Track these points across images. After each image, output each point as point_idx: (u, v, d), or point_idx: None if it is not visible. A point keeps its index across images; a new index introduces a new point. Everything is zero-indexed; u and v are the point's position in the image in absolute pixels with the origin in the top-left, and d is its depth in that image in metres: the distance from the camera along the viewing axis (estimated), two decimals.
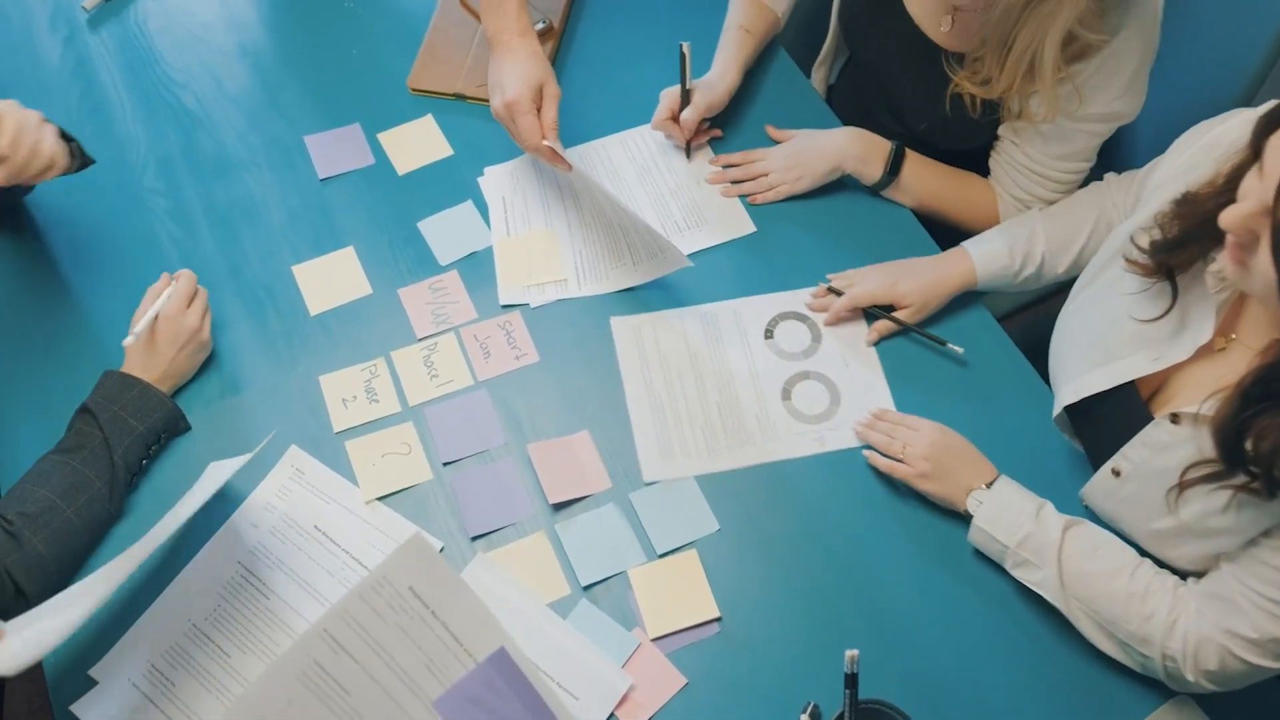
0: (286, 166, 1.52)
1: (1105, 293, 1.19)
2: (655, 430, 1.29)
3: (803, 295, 1.40)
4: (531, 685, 1.00)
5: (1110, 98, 1.31)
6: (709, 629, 1.19)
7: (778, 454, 1.29)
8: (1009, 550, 1.17)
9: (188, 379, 1.31)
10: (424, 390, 1.33)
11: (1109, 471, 1.15)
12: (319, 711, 0.98)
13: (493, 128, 1.54)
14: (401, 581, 1.01)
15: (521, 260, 1.43)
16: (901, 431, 1.26)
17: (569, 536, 1.23)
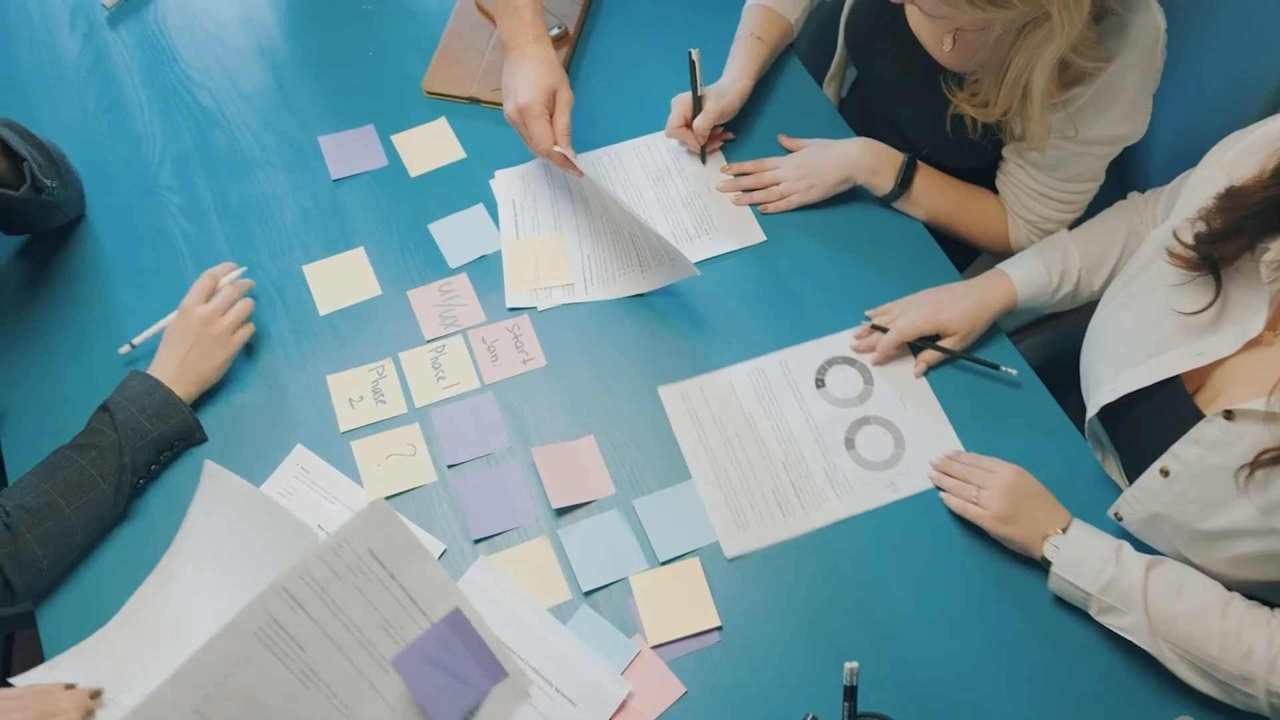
0: (300, 166, 1.53)
1: (1144, 292, 1.19)
2: (726, 502, 1.25)
3: (846, 338, 1.37)
4: (486, 645, 1.01)
5: (1112, 121, 1.30)
6: (709, 638, 1.18)
7: (855, 508, 1.25)
8: (1093, 597, 1.14)
9: (214, 378, 1.31)
10: (431, 392, 1.33)
11: (1156, 471, 1.13)
12: (275, 668, 0.99)
13: (506, 132, 1.54)
14: (360, 544, 1.03)
15: (529, 264, 1.44)
16: (977, 474, 1.23)
17: (571, 541, 1.23)
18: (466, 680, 1.02)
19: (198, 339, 1.29)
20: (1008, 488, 1.20)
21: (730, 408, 1.31)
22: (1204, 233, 1.11)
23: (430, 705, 0.98)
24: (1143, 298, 1.19)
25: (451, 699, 1.00)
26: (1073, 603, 1.18)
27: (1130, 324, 1.20)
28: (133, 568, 1.21)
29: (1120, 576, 1.13)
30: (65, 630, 1.17)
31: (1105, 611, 1.14)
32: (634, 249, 1.44)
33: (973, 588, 1.21)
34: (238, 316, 1.32)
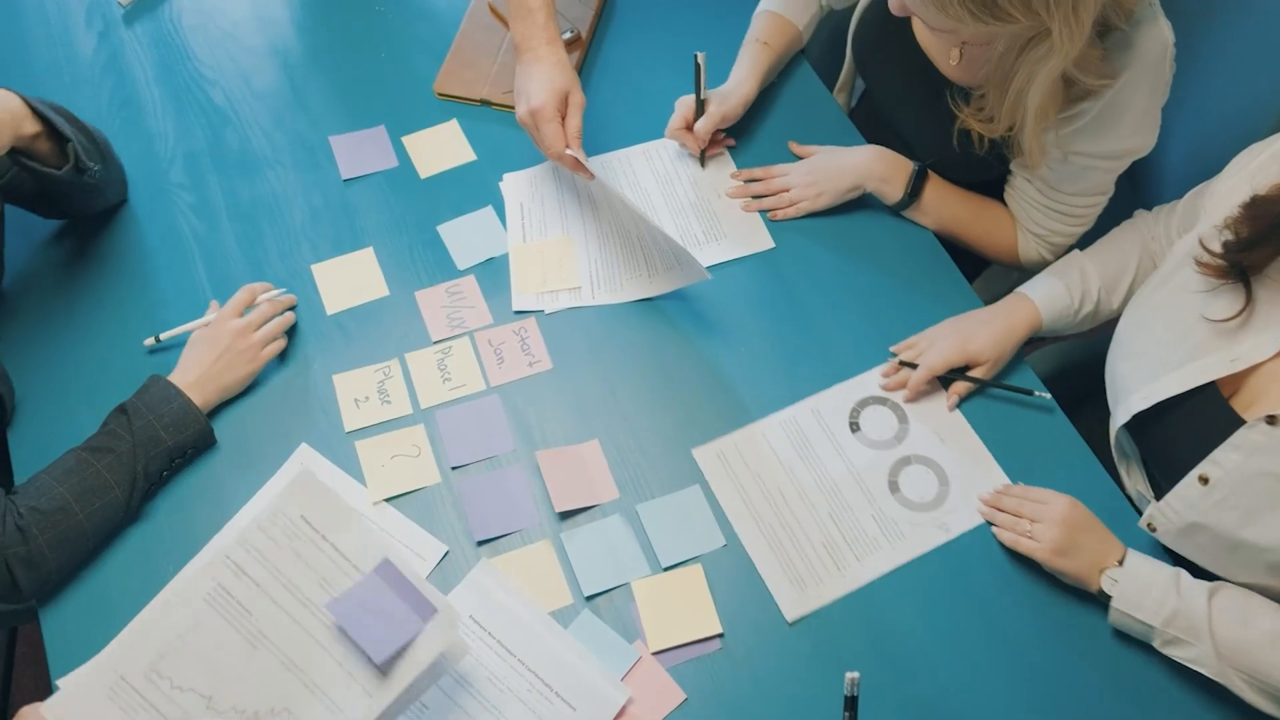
0: (311, 166, 1.53)
1: (1172, 300, 1.19)
2: (779, 562, 1.22)
3: (874, 377, 1.35)
4: (415, 587, 1.08)
5: (1120, 135, 1.29)
6: (711, 645, 1.18)
7: (909, 553, 1.23)
8: (1155, 630, 1.13)
9: (235, 390, 1.31)
10: (436, 393, 1.33)
11: (1195, 479, 1.12)
12: (225, 631, 1.08)
13: (516, 134, 1.55)
14: (294, 511, 1.12)
15: (536, 267, 1.44)
16: (1029, 506, 1.21)
17: (574, 546, 1.23)
18: (398, 619, 1.08)
19: (226, 350, 1.30)
20: (1063, 519, 1.18)
21: (768, 463, 1.28)
22: (1232, 241, 1.10)
23: (365, 643, 1.06)
24: (1170, 305, 1.19)
25: (384, 635, 1.07)
26: (1134, 635, 1.16)
27: (1159, 331, 1.19)
28: (138, 570, 1.21)
29: (1183, 608, 1.11)
30: (69, 631, 1.18)
31: (1170, 644, 1.13)
32: (642, 253, 1.44)
33: (1028, 624, 1.19)
34: (269, 334, 1.33)
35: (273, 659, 1.08)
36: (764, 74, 1.53)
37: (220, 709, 1.06)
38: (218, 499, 1.26)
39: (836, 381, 1.35)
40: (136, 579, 1.20)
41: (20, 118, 1.24)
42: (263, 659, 1.08)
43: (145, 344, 1.33)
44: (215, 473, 1.27)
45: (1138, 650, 1.17)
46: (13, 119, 1.23)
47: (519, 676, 1.15)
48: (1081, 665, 1.17)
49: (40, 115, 1.27)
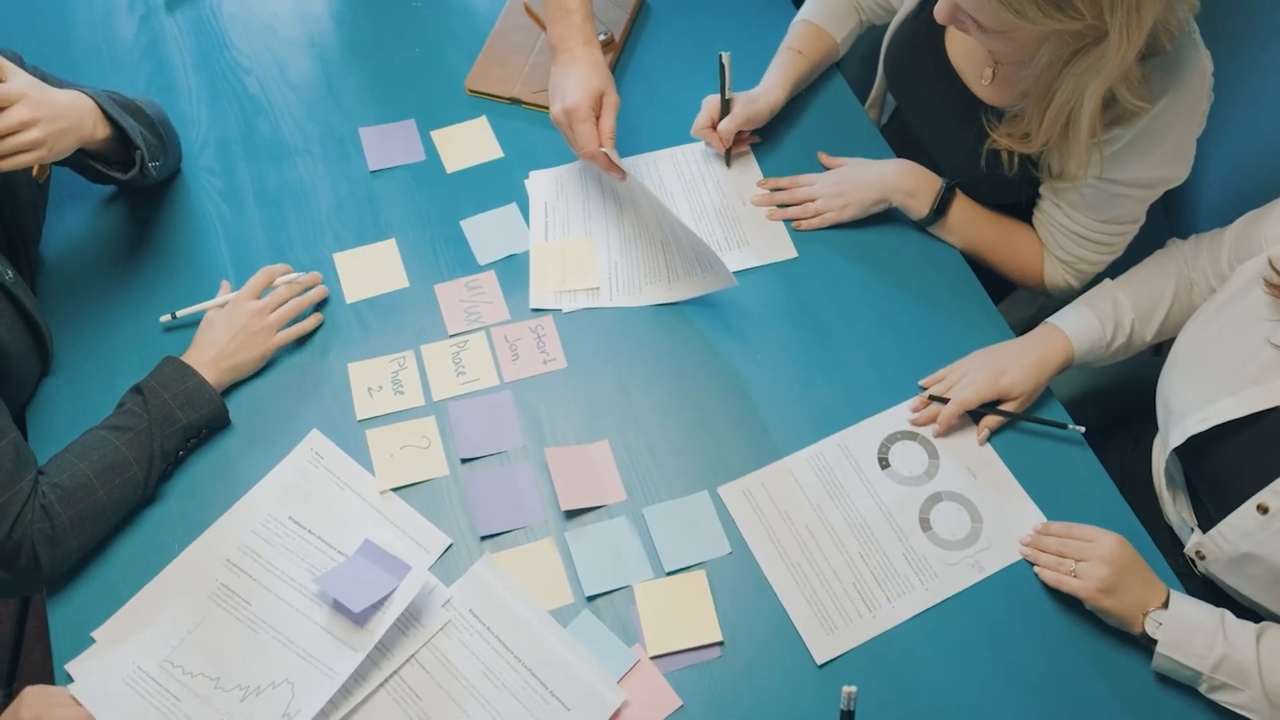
0: (339, 156, 1.54)
1: (1236, 323, 1.16)
2: (809, 604, 1.18)
3: (903, 412, 1.32)
4: (393, 556, 1.18)
5: (1154, 164, 1.27)
6: (710, 652, 1.16)
7: (942, 593, 1.19)
8: (1203, 675, 1.09)
9: (247, 370, 1.32)
10: (449, 386, 1.33)
11: (1254, 508, 1.09)
12: (227, 621, 1.17)
13: (545, 134, 1.55)
14: (283, 514, 1.23)
15: (556, 266, 1.43)
16: (1073, 545, 1.17)
17: (578, 545, 1.22)
18: (375, 579, 1.17)
19: (241, 330, 1.30)
20: (1111, 558, 1.14)
21: (795, 500, 1.25)
22: None
23: (346, 600, 1.14)
24: (1235, 328, 1.16)
25: (362, 592, 1.15)
26: (1178, 679, 1.13)
27: (1221, 354, 1.16)
28: (145, 548, 1.22)
29: (1231, 652, 1.08)
30: (73, 604, 1.18)
31: (1217, 689, 1.10)
32: (663, 258, 1.43)
33: (1065, 669, 1.16)
34: (285, 315, 1.34)
35: (271, 639, 1.16)
36: (795, 82, 1.53)
37: (227, 688, 1.13)
38: (228, 480, 1.26)
39: (853, 400, 1.33)
40: (142, 557, 1.21)
41: (93, 123, 1.25)
42: (263, 641, 1.16)
43: (161, 320, 1.34)
44: (226, 453, 1.28)
45: (1180, 693, 1.14)
46: (83, 125, 1.23)
47: (515, 673, 1.14)
48: (1119, 707, 1.14)
49: (111, 120, 1.28)
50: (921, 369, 1.35)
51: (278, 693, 1.12)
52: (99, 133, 1.26)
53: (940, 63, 1.43)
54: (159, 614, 1.17)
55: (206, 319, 1.32)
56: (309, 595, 1.18)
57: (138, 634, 1.16)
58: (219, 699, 1.12)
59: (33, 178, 1.25)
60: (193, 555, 1.21)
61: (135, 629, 1.16)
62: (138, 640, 1.15)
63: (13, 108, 1.15)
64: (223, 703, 1.12)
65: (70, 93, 1.23)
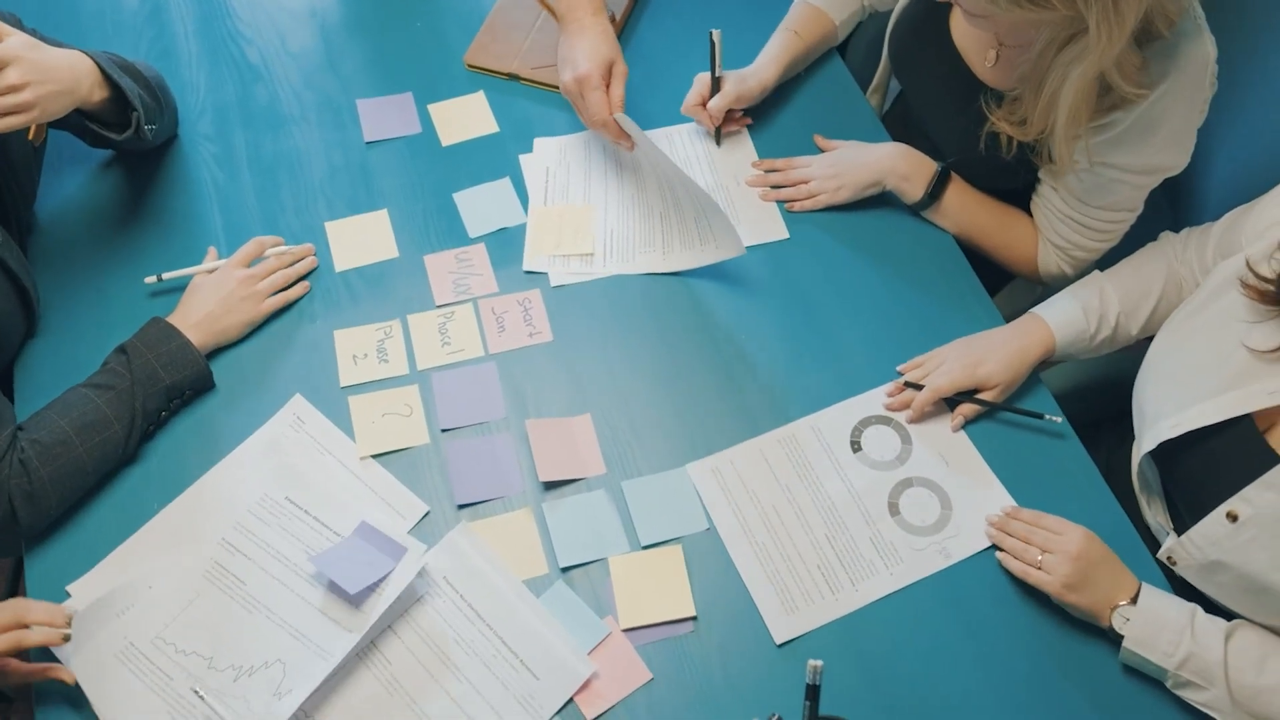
0: (335, 126, 1.54)
1: (1213, 325, 1.13)
2: (771, 583, 1.17)
3: (879, 396, 1.31)
4: (390, 537, 1.18)
5: (1152, 150, 1.26)
6: (683, 627, 1.16)
7: (907, 578, 1.18)
8: (1169, 673, 1.09)
9: (230, 338, 1.32)
10: (434, 356, 1.33)
11: (1222, 516, 1.07)
12: (222, 600, 1.16)
13: (541, 109, 1.55)
14: (279, 494, 1.22)
15: (553, 230, 1.44)
16: (1040, 535, 1.16)
17: (555, 516, 1.22)
18: (371, 561, 1.16)
19: (229, 295, 1.31)
20: (1078, 553, 1.13)
21: (764, 480, 1.24)
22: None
23: (341, 580, 1.13)
24: (1210, 331, 1.13)
25: (358, 574, 1.15)
26: (1145, 672, 1.12)
27: (1196, 357, 1.14)
28: (123, 507, 1.22)
29: (1198, 650, 1.07)
30: (51, 564, 1.18)
31: (1182, 686, 1.09)
32: (660, 230, 1.44)
33: (1028, 653, 1.15)
34: (274, 284, 1.34)
35: (265, 620, 1.15)
36: (789, 63, 1.52)
37: (220, 668, 1.12)
38: (209, 441, 1.26)
39: (839, 383, 1.32)
40: (121, 515, 1.21)
41: (91, 85, 1.25)
42: (257, 621, 1.15)
43: (146, 281, 1.34)
44: (209, 415, 1.28)
45: (1147, 686, 1.13)
46: (79, 87, 1.23)
47: (486, 641, 1.14)
48: (1084, 699, 1.12)
49: (110, 80, 1.28)
50: (910, 353, 1.33)
51: (270, 672, 1.11)
52: (95, 95, 1.26)
53: (944, 45, 1.42)
54: (138, 586, 1.16)
55: (194, 284, 1.32)
56: (304, 576, 1.17)
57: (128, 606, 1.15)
58: (212, 679, 1.11)
59: (28, 140, 1.26)
60: (169, 518, 1.21)
61: (109, 586, 1.15)
62: (127, 615, 1.14)
63: (4, 71, 1.15)
64: (216, 682, 1.11)
65: (68, 53, 1.24)
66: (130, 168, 1.48)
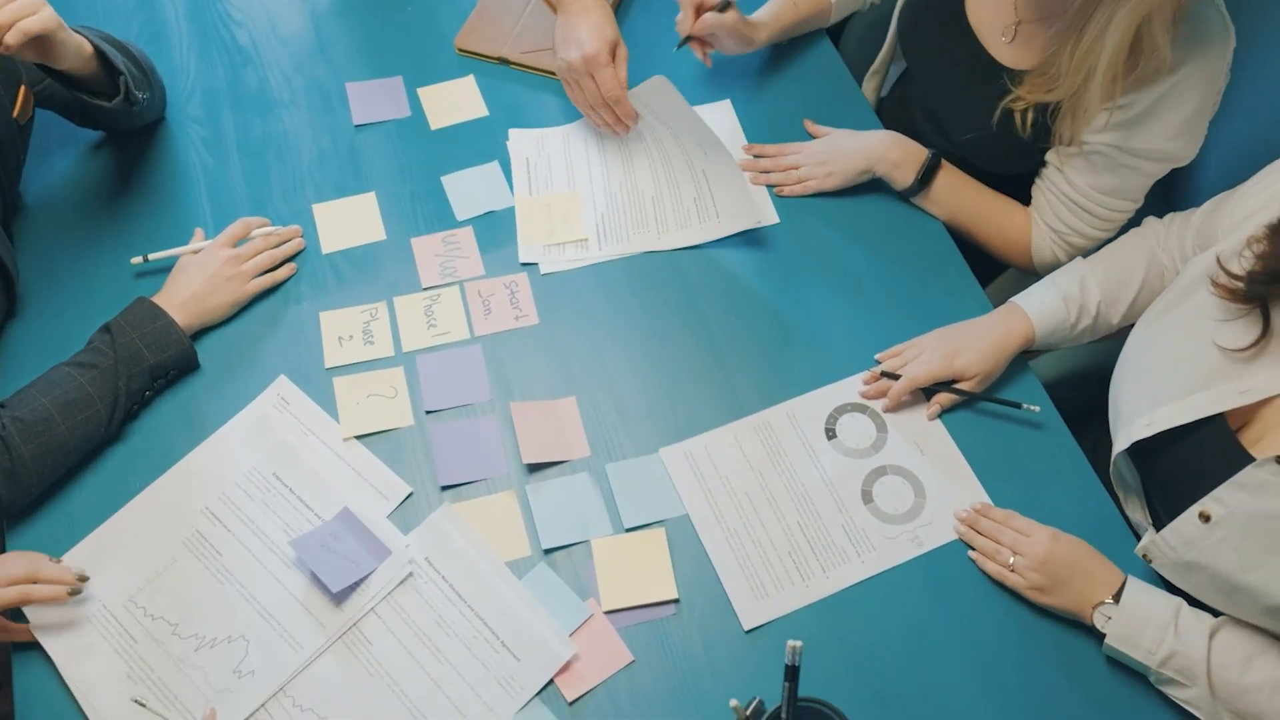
0: (324, 110, 1.54)
1: (1184, 322, 1.12)
2: (741, 569, 1.17)
3: (855, 384, 1.30)
4: (372, 532, 1.17)
5: (1165, 136, 1.25)
6: (665, 610, 1.15)
7: (878, 565, 1.17)
8: (1151, 670, 1.08)
9: (215, 319, 1.31)
10: (420, 338, 1.33)
11: (1195, 516, 1.05)
12: (195, 569, 1.16)
13: (531, 94, 1.55)
14: (268, 470, 1.22)
15: (543, 219, 1.43)
16: (1008, 535, 1.16)
17: (538, 499, 1.21)
18: (354, 557, 1.15)
19: (213, 275, 1.30)
20: (1045, 557, 1.12)
21: (737, 466, 1.23)
22: (1256, 271, 1.03)
23: (323, 574, 1.13)
24: (1182, 328, 1.12)
25: (340, 569, 1.14)
26: (1130, 666, 1.11)
27: (1168, 355, 1.12)
28: (106, 485, 1.21)
29: (1181, 648, 1.06)
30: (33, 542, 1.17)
31: (1165, 683, 1.08)
32: (653, 211, 1.44)
33: (1013, 642, 1.14)
34: (260, 265, 1.34)
35: (235, 594, 1.15)
36: (780, 28, 1.52)
37: (184, 635, 1.13)
38: (193, 421, 1.26)
39: (824, 369, 1.31)
40: (104, 493, 1.21)
41: (78, 42, 1.24)
42: (227, 594, 1.15)
43: (132, 262, 1.34)
44: (193, 395, 1.28)
45: (1126, 674, 1.12)
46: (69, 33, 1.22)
47: (467, 622, 1.13)
48: (1067, 681, 1.12)
49: (96, 48, 1.27)
50: (896, 341, 1.32)
51: (232, 647, 1.11)
52: (85, 48, 1.26)
53: (959, 23, 1.41)
54: (117, 550, 1.17)
55: (179, 264, 1.32)
56: (281, 557, 1.16)
57: (111, 562, 1.15)
58: (175, 645, 1.11)
59: (13, 118, 1.25)
60: (153, 495, 1.21)
61: (92, 563, 1.15)
62: (104, 576, 1.14)
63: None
64: (178, 650, 1.11)
65: None
66: (118, 150, 1.48)
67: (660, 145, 1.49)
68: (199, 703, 1.08)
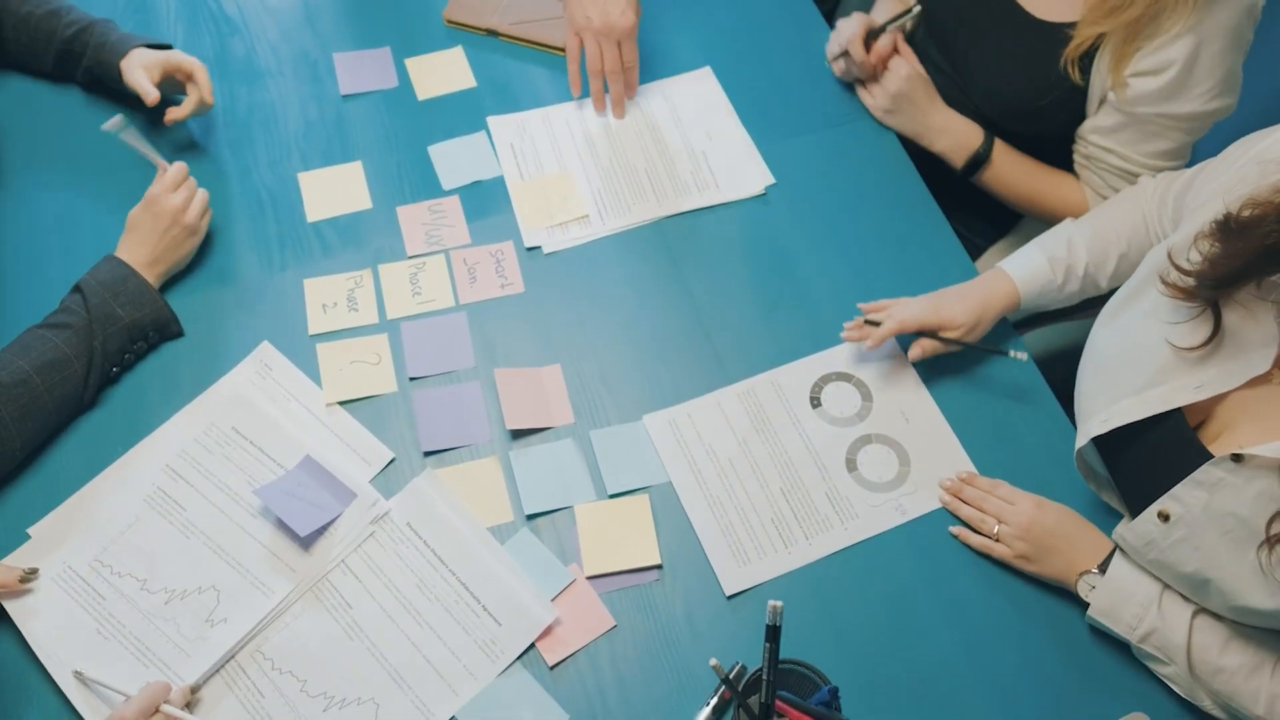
0: (311, 80, 1.53)
1: (1141, 315, 1.09)
2: (723, 535, 1.16)
3: (840, 352, 1.29)
4: (336, 477, 1.17)
5: (1206, 99, 1.25)
6: (648, 575, 1.15)
7: (861, 533, 1.17)
8: (1132, 643, 1.08)
9: (181, 266, 1.31)
10: (404, 306, 1.32)
11: (1154, 516, 1.03)
12: (160, 524, 1.16)
13: (519, 66, 1.54)
14: (226, 424, 1.22)
15: (540, 201, 1.42)
16: (993, 503, 1.15)
17: (521, 465, 1.20)
18: (320, 502, 1.15)
19: (170, 226, 1.28)
20: (1029, 524, 1.12)
21: (721, 434, 1.23)
22: (1204, 270, 0.99)
23: (290, 520, 1.12)
24: (1137, 323, 1.09)
25: (307, 514, 1.14)
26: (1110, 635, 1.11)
27: (1124, 351, 1.10)
28: (86, 451, 1.20)
29: (1162, 627, 1.05)
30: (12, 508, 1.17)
31: (1145, 657, 1.08)
32: (649, 182, 1.43)
33: (996, 608, 1.14)
34: (201, 206, 1.32)
35: (202, 546, 1.15)
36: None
37: (153, 590, 1.12)
38: (174, 387, 1.25)
39: (810, 338, 1.31)
40: (84, 459, 1.20)
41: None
42: (193, 547, 1.15)
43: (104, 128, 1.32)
44: (174, 362, 1.27)
45: (1110, 642, 1.12)
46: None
47: (448, 586, 1.13)
48: (1051, 645, 1.12)
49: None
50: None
51: (203, 598, 1.11)
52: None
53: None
54: (96, 513, 1.16)
55: (132, 219, 1.29)
56: (246, 507, 1.16)
57: (72, 534, 1.15)
58: (144, 600, 1.11)
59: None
60: (134, 457, 1.20)
61: (71, 527, 1.15)
62: (70, 542, 1.14)
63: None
64: (148, 604, 1.11)
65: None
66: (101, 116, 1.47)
67: (648, 119, 1.49)
68: (173, 654, 1.08)
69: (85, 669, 1.06)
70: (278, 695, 1.07)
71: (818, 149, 1.47)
